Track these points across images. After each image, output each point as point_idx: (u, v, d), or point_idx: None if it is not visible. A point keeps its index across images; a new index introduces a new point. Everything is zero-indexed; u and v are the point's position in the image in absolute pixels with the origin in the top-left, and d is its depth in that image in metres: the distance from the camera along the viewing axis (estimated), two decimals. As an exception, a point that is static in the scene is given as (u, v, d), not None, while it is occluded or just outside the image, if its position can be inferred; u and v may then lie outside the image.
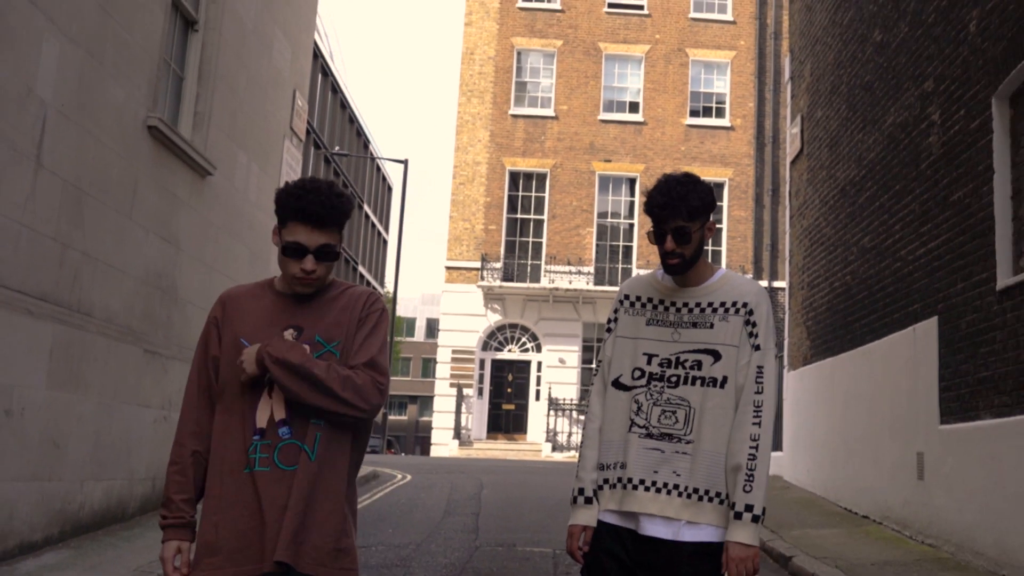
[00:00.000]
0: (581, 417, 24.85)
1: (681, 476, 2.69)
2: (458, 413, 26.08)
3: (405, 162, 29.13)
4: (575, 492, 2.83)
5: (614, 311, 2.94)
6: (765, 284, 25.88)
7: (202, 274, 9.11)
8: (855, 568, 6.77)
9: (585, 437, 2.89)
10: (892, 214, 8.96)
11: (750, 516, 2.62)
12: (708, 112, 27.65)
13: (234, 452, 2.47)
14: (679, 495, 2.68)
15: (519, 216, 27.20)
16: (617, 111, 27.55)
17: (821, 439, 10.91)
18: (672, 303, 2.82)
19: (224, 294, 2.66)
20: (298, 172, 12.24)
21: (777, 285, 25.31)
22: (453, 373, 26.41)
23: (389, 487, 12.56)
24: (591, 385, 2.95)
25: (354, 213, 2.46)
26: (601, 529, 2.76)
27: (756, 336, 2.75)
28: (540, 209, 27.17)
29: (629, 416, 2.78)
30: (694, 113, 27.50)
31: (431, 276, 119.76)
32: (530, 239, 27.14)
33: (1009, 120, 6.86)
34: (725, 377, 2.72)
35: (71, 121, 6.66)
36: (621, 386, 2.82)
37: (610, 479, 2.77)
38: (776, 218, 26.75)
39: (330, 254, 2.50)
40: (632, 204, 27.08)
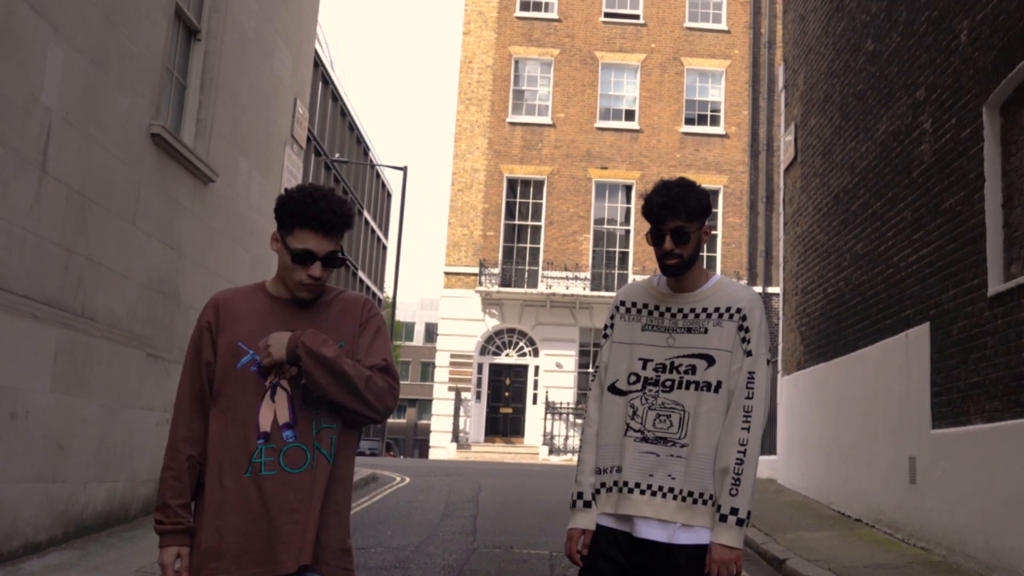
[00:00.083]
0: (578, 421, 24.90)
1: (676, 479, 2.72)
2: (456, 416, 26.14)
3: (404, 169, 29.19)
4: (574, 496, 2.85)
5: (610, 317, 2.96)
6: (759, 290, 25.98)
7: (204, 279, 9.16)
8: (848, 571, 6.78)
9: (583, 442, 2.91)
10: (885, 221, 8.99)
11: (735, 519, 2.66)
12: (703, 120, 27.78)
13: (234, 456, 2.45)
14: (674, 498, 2.71)
15: (517, 222, 27.30)
16: (613, 119, 27.67)
17: (815, 443, 10.92)
18: (667, 309, 2.85)
19: (215, 298, 2.61)
20: (299, 179, 12.30)
21: (771, 291, 25.39)
22: (451, 377, 26.47)
23: (388, 489, 12.59)
24: (588, 389, 2.98)
25: (354, 219, 2.49)
26: (599, 533, 2.78)
27: (748, 342, 2.78)
28: (537, 215, 27.27)
29: (625, 420, 2.80)
30: (689, 121, 27.64)
31: (430, 281, 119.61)
32: (527, 245, 27.23)
33: (1000, 128, 6.88)
34: (719, 382, 2.75)
35: (76, 129, 6.72)
36: (617, 391, 2.84)
37: (607, 483, 2.80)
38: (770, 225, 26.88)
39: (337, 261, 2.51)
40: (628, 211, 27.19)
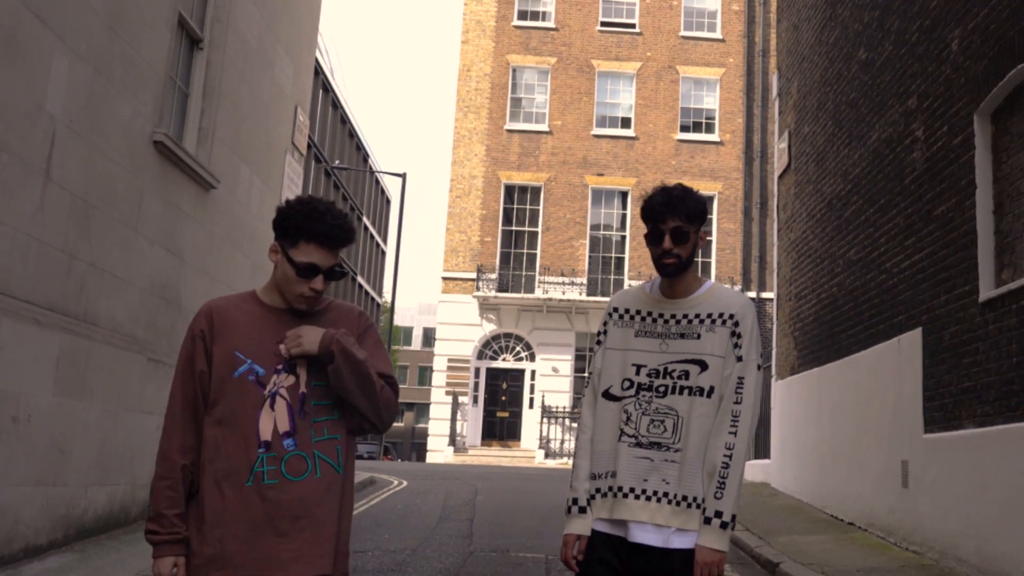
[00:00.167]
0: (574, 425, 24.95)
1: (670, 484, 2.74)
2: (453, 420, 26.19)
3: (403, 176, 29.27)
4: (569, 502, 2.87)
5: (603, 324, 2.98)
6: (753, 295, 26.09)
7: (205, 285, 9.22)
8: (841, 574, 6.81)
9: (578, 448, 2.93)
10: (877, 227, 9.03)
11: (719, 522, 2.68)
12: (698, 127, 27.91)
13: (233, 465, 2.45)
14: (668, 503, 2.73)
15: (514, 228, 27.39)
16: (609, 126, 27.80)
17: (808, 447, 10.96)
18: (660, 315, 2.87)
19: (208, 306, 2.59)
20: (299, 185, 12.38)
21: (765, 296, 25.52)
22: (449, 381, 26.54)
23: (386, 493, 12.64)
24: (583, 395, 3.01)
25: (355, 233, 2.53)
26: (594, 538, 2.80)
27: (740, 347, 2.80)
28: (534, 221, 27.37)
29: (619, 426, 2.82)
30: (684, 128, 27.78)
31: (428, 287, 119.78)
32: (524, 251, 27.32)
33: (991, 136, 6.93)
34: (712, 387, 2.77)
35: (79, 136, 6.79)
36: (611, 397, 2.86)
37: (601, 488, 2.81)
38: (764, 231, 26.99)
39: (338, 274, 2.54)
40: (624, 217, 27.30)
